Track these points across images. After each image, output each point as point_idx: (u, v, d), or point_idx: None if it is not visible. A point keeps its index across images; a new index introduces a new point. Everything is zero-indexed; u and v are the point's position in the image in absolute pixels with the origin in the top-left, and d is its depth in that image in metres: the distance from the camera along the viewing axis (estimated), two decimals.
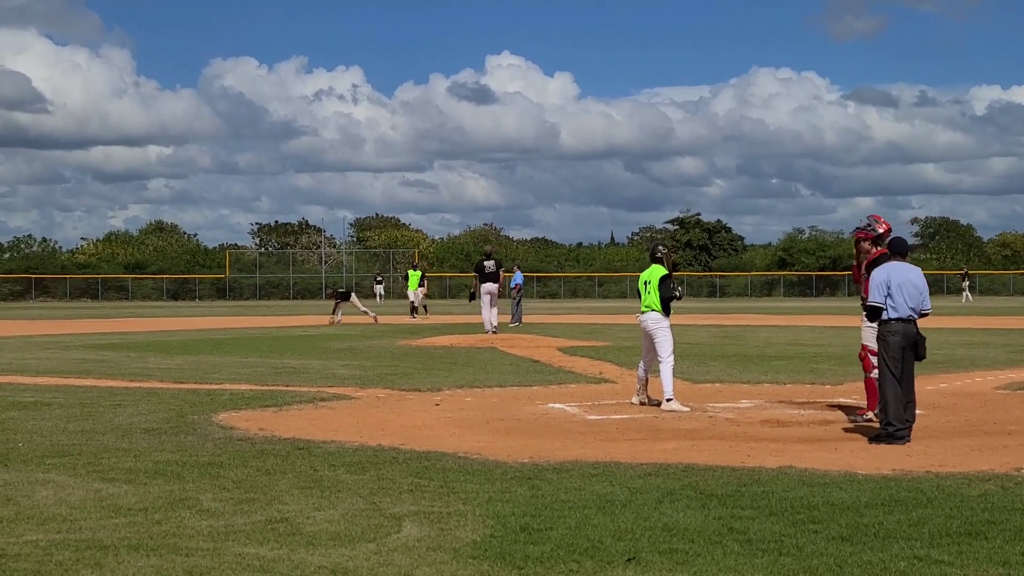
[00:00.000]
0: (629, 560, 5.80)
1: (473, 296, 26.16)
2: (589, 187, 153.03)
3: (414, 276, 39.39)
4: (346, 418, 11.63)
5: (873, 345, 10.73)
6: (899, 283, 9.97)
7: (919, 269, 10.29)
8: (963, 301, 58.24)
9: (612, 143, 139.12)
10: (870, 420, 11.03)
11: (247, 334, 29.60)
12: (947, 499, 7.25)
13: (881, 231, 11.23)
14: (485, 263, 27.07)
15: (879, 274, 10.07)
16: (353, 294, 37.23)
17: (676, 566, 5.71)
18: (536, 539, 6.24)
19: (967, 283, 61.81)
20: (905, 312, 9.96)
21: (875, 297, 9.99)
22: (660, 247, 13.05)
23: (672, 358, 12.58)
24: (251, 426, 10.87)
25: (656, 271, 12.73)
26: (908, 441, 9.72)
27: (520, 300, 33.09)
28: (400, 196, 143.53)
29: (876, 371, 10.60)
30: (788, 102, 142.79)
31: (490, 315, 26.48)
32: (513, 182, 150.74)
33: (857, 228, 11.52)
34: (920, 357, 10.09)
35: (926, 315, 10.16)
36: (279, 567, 5.72)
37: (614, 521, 6.65)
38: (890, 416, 9.82)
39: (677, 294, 12.66)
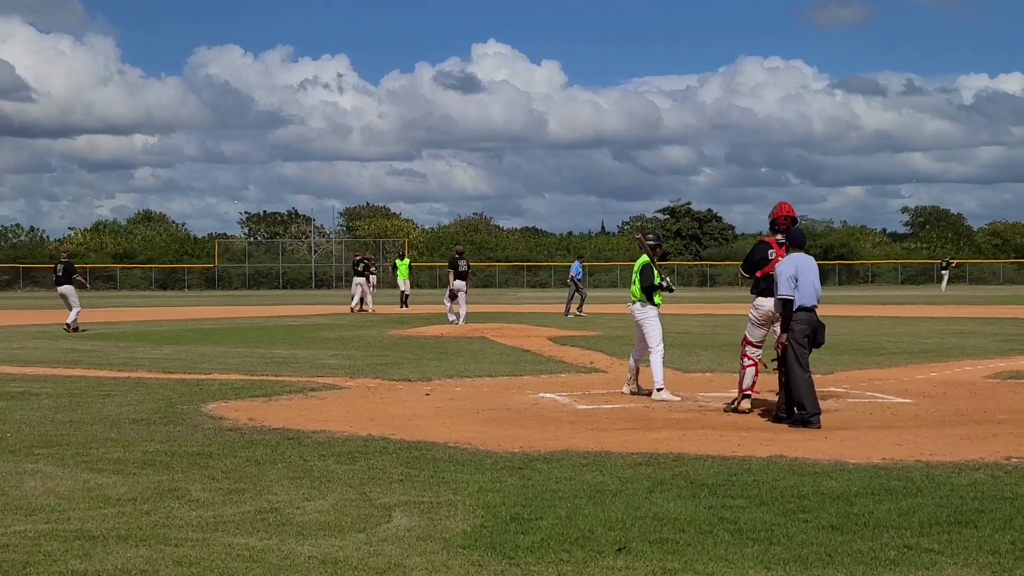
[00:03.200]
0: (620, 550, 5.79)
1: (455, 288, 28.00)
2: (578, 176, 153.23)
3: (403, 265, 39.29)
4: (336, 408, 11.60)
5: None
6: (804, 274, 10.30)
7: (813, 259, 10.62)
8: (942, 290, 58.40)
9: (600, 132, 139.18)
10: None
11: (236, 324, 29.54)
12: (937, 488, 7.26)
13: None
14: (459, 262, 28.25)
15: (786, 267, 10.40)
16: (360, 279, 35.03)
17: (667, 556, 5.70)
18: (526, 529, 6.23)
19: (947, 272, 61.49)
20: (810, 301, 10.31)
21: (785, 290, 10.28)
22: (648, 235, 12.98)
23: (661, 347, 12.57)
24: (240, 416, 10.84)
25: (640, 260, 12.74)
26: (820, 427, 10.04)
27: (577, 290, 32.79)
28: (388, 185, 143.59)
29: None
30: (776, 91, 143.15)
31: (453, 306, 27.89)
32: (502, 171, 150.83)
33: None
34: (819, 343, 10.42)
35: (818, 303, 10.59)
36: (269, 557, 5.70)
37: (605, 511, 6.64)
38: (805, 401, 10.14)
39: (663, 285, 12.58)
